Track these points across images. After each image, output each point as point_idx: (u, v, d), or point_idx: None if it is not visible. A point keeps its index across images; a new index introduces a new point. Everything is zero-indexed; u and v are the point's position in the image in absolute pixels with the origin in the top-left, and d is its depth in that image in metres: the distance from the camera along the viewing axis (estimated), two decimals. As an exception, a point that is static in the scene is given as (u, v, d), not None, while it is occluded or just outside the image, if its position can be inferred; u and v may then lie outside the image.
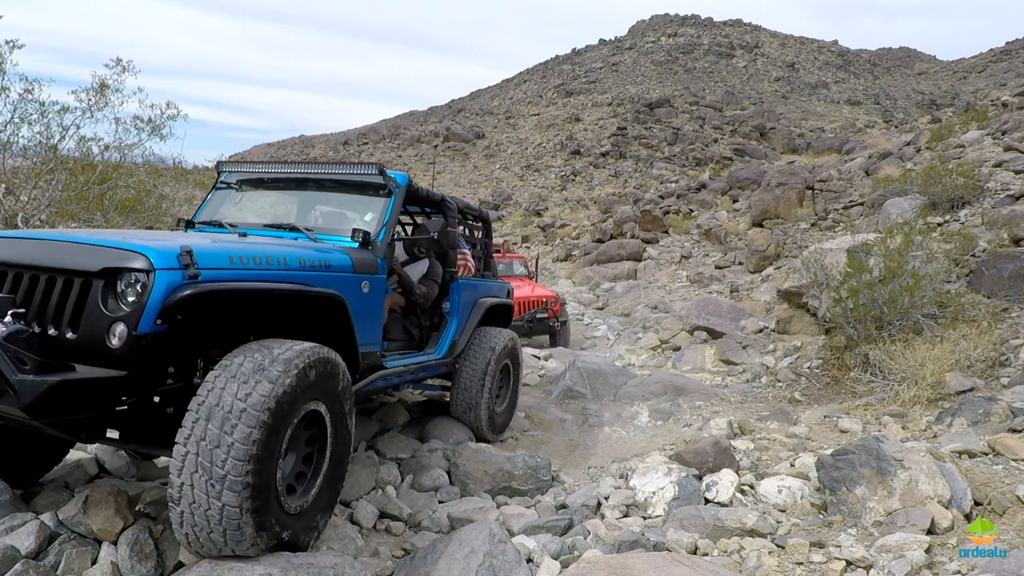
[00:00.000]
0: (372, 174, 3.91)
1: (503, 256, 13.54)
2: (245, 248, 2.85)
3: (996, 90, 28.01)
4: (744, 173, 21.93)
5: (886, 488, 3.24)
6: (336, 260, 3.28)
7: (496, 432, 5.02)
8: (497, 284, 5.57)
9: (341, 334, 3.18)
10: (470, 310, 4.86)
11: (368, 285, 3.47)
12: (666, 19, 77.72)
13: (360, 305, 3.38)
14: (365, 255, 3.52)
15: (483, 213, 5.50)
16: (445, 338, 4.55)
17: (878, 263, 6.67)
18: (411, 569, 2.84)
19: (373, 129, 58.85)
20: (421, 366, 4.27)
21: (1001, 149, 11.95)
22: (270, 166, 4.33)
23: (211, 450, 2.26)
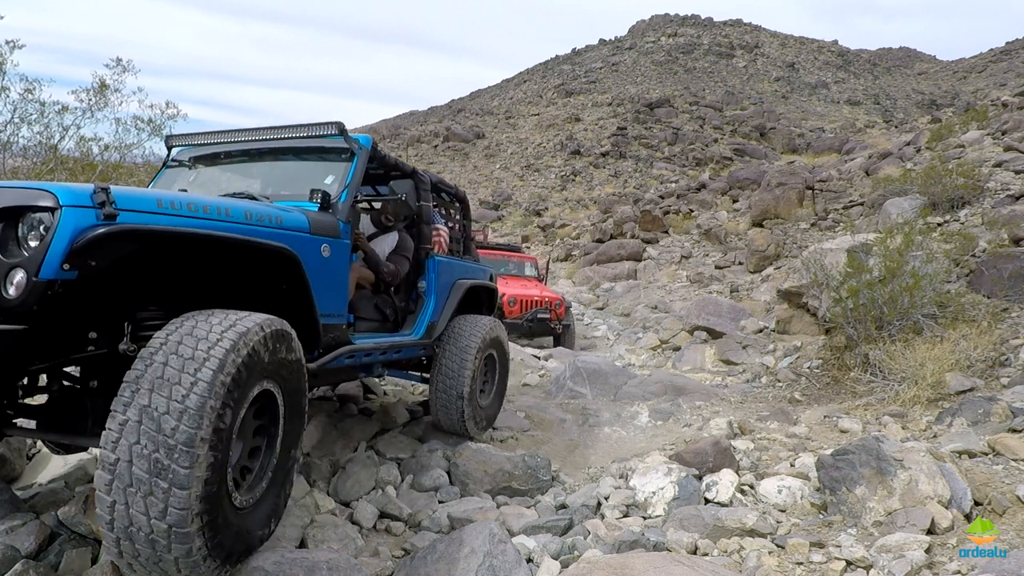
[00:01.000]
0: (332, 135, 3.65)
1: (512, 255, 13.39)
2: (179, 195, 2.52)
3: (996, 90, 28.02)
4: (744, 173, 21.93)
5: (886, 488, 3.24)
6: (290, 218, 3.01)
7: (482, 427, 4.73)
8: (477, 266, 5.26)
9: (297, 300, 2.88)
10: (448, 291, 4.58)
11: (328, 248, 3.19)
12: (666, 19, 77.71)
13: (319, 270, 3.10)
14: (324, 216, 3.26)
15: (460, 192, 5.19)
16: (422, 319, 4.25)
17: (878, 263, 6.67)
18: (411, 569, 2.84)
19: (373, 129, 58.85)
20: (395, 346, 3.95)
21: (1001, 149, 11.95)
22: (223, 135, 3.98)
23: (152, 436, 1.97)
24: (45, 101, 8.36)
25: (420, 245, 4.36)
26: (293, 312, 2.88)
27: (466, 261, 5.08)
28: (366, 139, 3.76)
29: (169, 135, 4.19)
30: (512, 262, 12.55)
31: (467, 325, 4.64)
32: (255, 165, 4.00)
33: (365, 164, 3.67)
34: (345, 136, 3.63)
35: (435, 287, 4.36)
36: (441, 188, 4.91)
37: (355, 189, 3.56)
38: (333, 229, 3.28)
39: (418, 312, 4.29)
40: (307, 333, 2.94)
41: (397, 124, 60.34)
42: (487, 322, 4.76)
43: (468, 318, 4.74)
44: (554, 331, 10.94)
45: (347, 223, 3.42)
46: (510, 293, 11.09)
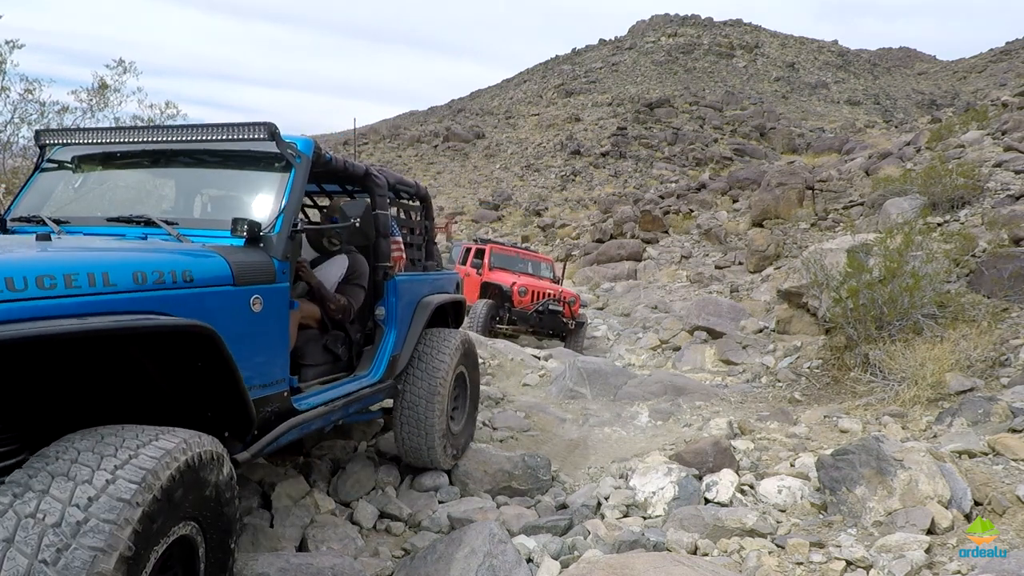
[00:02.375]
0: (260, 138, 2.81)
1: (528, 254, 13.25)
2: (22, 261, 1.76)
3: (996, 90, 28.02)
4: (744, 173, 21.94)
5: (886, 488, 3.24)
6: (204, 269, 2.26)
7: (456, 457, 4.09)
8: (444, 275, 4.57)
9: (217, 381, 2.19)
10: (412, 313, 3.88)
11: (260, 301, 2.48)
12: (666, 19, 77.72)
13: (249, 332, 2.43)
14: (254, 257, 2.52)
15: (421, 189, 4.44)
16: (382, 355, 3.56)
17: (878, 263, 6.67)
18: (411, 569, 2.84)
19: (373, 129, 58.85)
20: (352, 398, 3.21)
21: (1001, 149, 11.95)
22: (113, 133, 3.07)
23: None
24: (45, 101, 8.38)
25: (377, 264, 3.63)
26: (212, 392, 2.24)
27: (429, 272, 4.36)
28: (306, 144, 2.98)
29: (40, 130, 3.29)
30: (529, 262, 12.49)
31: (434, 345, 3.96)
32: (161, 174, 3.23)
33: (306, 177, 2.90)
34: (278, 141, 2.81)
35: (396, 314, 3.67)
36: (400, 189, 4.17)
37: (294, 212, 2.78)
38: (266, 272, 2.55)
39: (377, 346, 3.59)
40: (233, 417, 2.31)
41: (397, 124, 60.34)
42: (456, 338, 4.10)
43: (435, 335, 4.05)
44: (565, 327, 10.61)
45: (285, 260, 2.67)
46: (521, 282, 10.90)
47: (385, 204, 3.64)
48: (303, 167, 2.90)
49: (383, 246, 3.61)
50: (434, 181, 41.37)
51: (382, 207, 3.60)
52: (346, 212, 2.99)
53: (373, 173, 3.59)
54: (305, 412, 2.79)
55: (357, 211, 2.97)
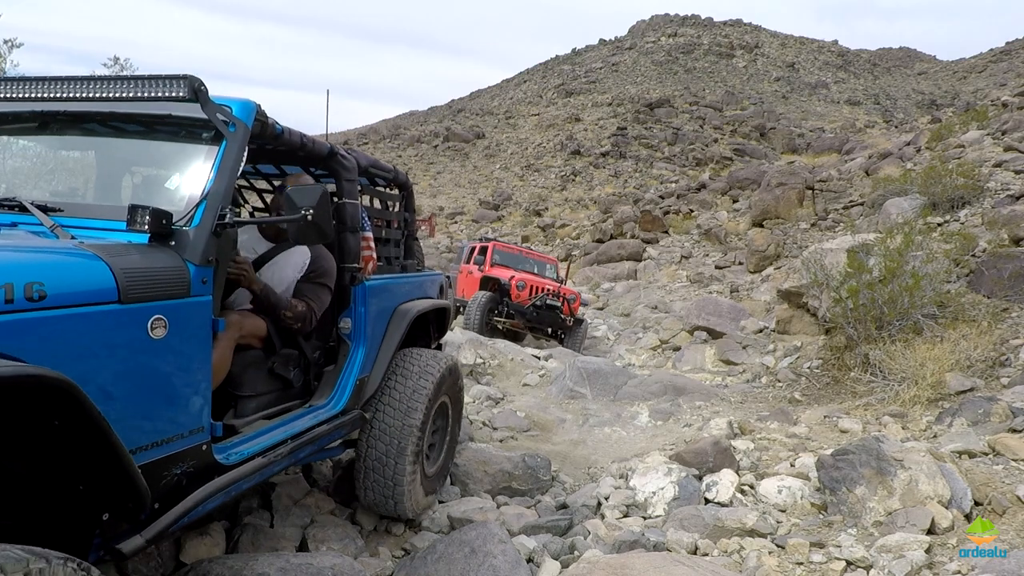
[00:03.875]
0: (179, 97, 2.06)
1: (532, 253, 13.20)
2: None
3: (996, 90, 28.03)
4: (744, 173, 21.95)
5: (886, 488, 3.24)
6: (66, 279, 1.62)
7: (425, 507, 3.41)
8: (426, 277, 3.89)
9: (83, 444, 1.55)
10: (386, 325, 3.23)
11: (164, 323, 1.84)
12: (666, 19, 77.71)
13: (144, 368, 1.80)
14: (156, 261, 1.89)
15: (400, 175, 3.80)
16: (346, 378, 2.90)
17: (878, 263, 6.67)
18: (411, 569, 2.84)
19: (373, 129, 58.86)
20: (304, 439, 2.55)
21: (1001, 149, 11.95)
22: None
23: None
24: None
25: (343, 266, 2.97)
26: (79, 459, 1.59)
27: (407, 274, 3.72)
28: (245, 108, 2.29)
29: None
30: (532, 261, 12.49)
31: (412, 369, 3.27)
32: (47, 142, 2.62)
33: (242, 152, 2.24)
34: (203, 103, 2.10)
35: (365, 327, 3.01)
36: (375, 173, 3.55)
37: (222, 198, 2.12)
38: (174, 283, 1.91)
39: (340, 367, 2.92)
40: (115, 491, 1.66)
41: (397, 124, 60.35)
42: (440, 360, 3.40)
43: (414, 358, 3.34)
44: (563, 324, 10.54)
45: (206, 264, 2.03)
46: (519, 276, 10.85)
47: (354, 191, 3.01)
48: (238, 138, 2.22)
49: (350, 243, 2.97)
50: (434, 181, 41.37)
51: (350, 195, 2.97)
52: (294, 200, 2.25)
53: (340, 153, 2.97)
54: (235, 467, 2.13)
55: (310, 199, 2.23)
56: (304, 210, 2.23)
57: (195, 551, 2.68)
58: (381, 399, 3.15)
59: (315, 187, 2.31)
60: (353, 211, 3.00)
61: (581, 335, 10.75)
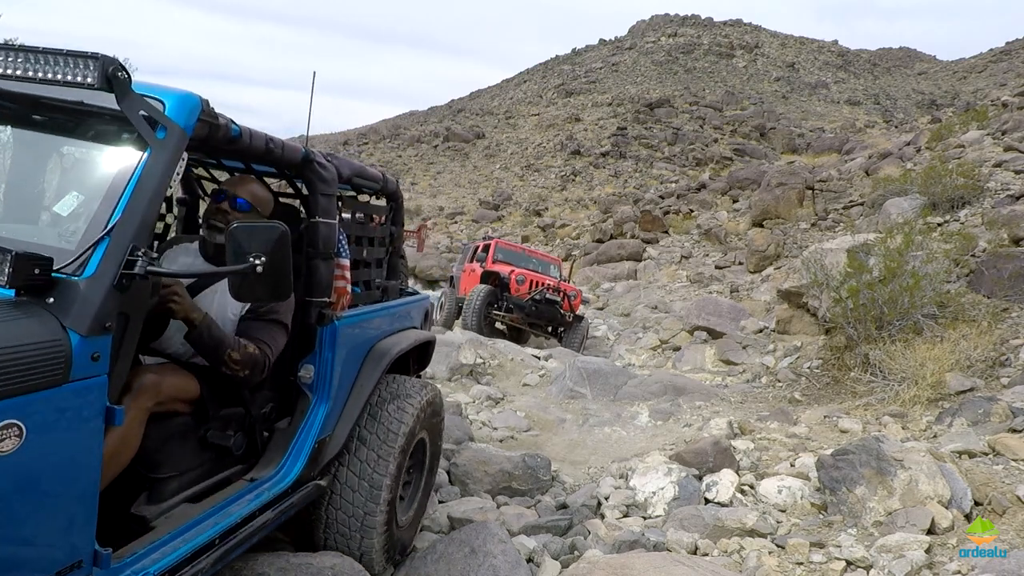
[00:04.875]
0: (87, 84, 1.52)
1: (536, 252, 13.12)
2: None
3: (996, 90, 28.04)
4: (744, 173, 21.95)
5: (886, 488, 3.24)
6: None
7: (402, 553, 2.94)
8: (410, 304, 3.35)
9: None
10: (358, 370, 2.66)
11: (19, 431, 1.29)
12: (666, 19, 77.73)
13: None
14: (13, 329, 1.34)
15: (391, 183, 3.22)
16: (302, 441, 2.32)
17: (878, 263, 6.67)
18: (411, 569, 2.83)
19: (373, 129, 58.88)
20: (241, 536, 1.99)
21: (1001, 149, 11.95)
22: None
23: None
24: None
25: (311, 299, 2.40)
26: None
27: (389, 304, 3.14)
28: (182, 104, 1.69)
29: None
30: (535, 259, 12.48)
31: (388, 408, 2.75)
32: None
33: (175, 164, 1.66)
34: (122, 95, 1.56)
35: (331, 377, 2.43)
36: (360, 184, 2.95)
37: (135, 235, 1.53)
38: (44, 365, 1.35)
39: (296, 428, 2.34)
40: None
41: (397, 124, 60.35)
42: (420, 393, 2.89)
43: (388, 393, 2.83)
44: (562, 319, 10.39)
45: (100, 334, 1.46)
46: (520, 271, 10.77)
47: (331, 209, 2.43)
48: (169, 147, 1.62)
49: (321, 272, 2.39)
50: (434, 181, 41.37)
51: (326, 213, 2.40)
52: (240, 243, 1.70)
53: (317, 161, 2.40)
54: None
55: (262, 243, 1.69)
56: (253, 257, 1.68)
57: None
58: (348, 454, 2.61)
59: (270, 228, 1.72)
60: (328, 233, 2.42)
61: (581, 334, 10.60)
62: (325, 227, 2.41)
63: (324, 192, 2.42)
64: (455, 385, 6.69)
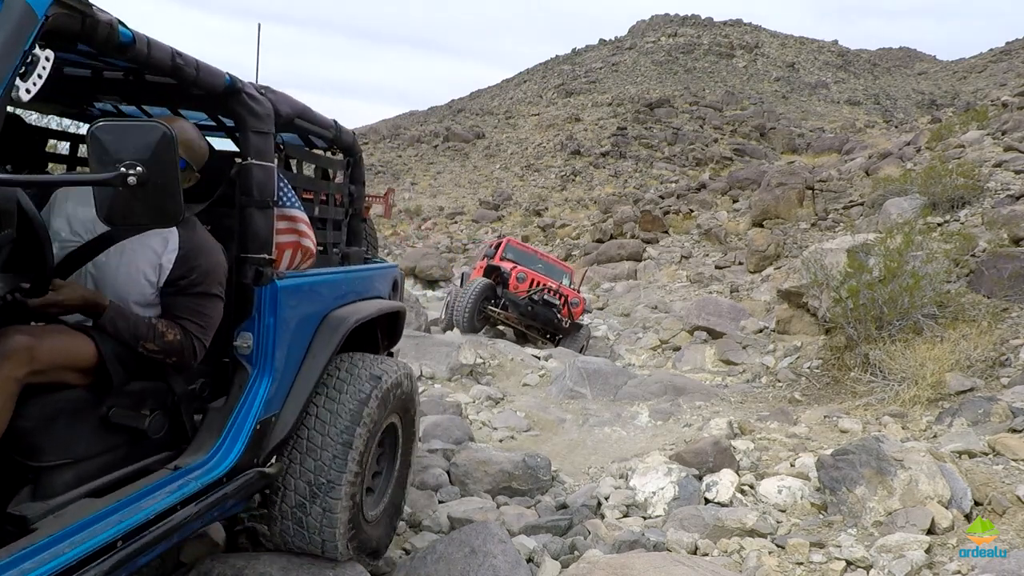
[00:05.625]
0: None
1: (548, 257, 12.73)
2: None
3: (996, 90, 28.04)
4: (744, 173, 21.95)
5: (886, 488, 3.24)
6: None
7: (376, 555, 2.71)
8: (374, 271, 3.04)
9: None
10: (309, 340, 2.34)
11: None
12: (666, 19, 77.73)
13: None
14: None
15: (346, 135, 2.86)
16: (240, 421, 2.03)
17: (878, 263, 6.67)
18: (411, 569, 2.83)
19: (373, 129, 58.88)
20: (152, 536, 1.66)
21: (1001, 149, 11.95)
22: None
23: None
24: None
25: (246, 256, 2.08)
26: None
27: (348, 268, 2.85)
28: None
29: None
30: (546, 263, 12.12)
31: (351, 385, 2.43)
32: None
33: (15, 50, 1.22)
34: None
35: (275, 345, 2.11)
36: (307, 129, 2.60)
37: None
38: None
39: (232, 408, 2.03)
40: None
41: (397, 124, 60.36)
42: (390, 370, 2.59)
43: (347, 371, 2.49)
44: (559, 325, 10.05)
45: None
46: (522, 269, 10.44)
47: (266, 149, 2.11)
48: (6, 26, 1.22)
49: (257, 223, 2.08)
50: (434, 181, 41.38)
51: (260, 153, 2.08)
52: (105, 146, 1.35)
53: (246, 92, 2.05)
54: None
55: (136, 146, 1.35)
56: (124, 166, 1.30)
57: (195, 551, 2.68)
58: (300, 438, 2.32)
59: (147, 128, 1.36)
60: (263, 178, 2.10)
61: (581, 343, 10.19)
62: (260, 171, 2.09)
63: (257, 129, 2.09)
64: (455, 385, 6.69)
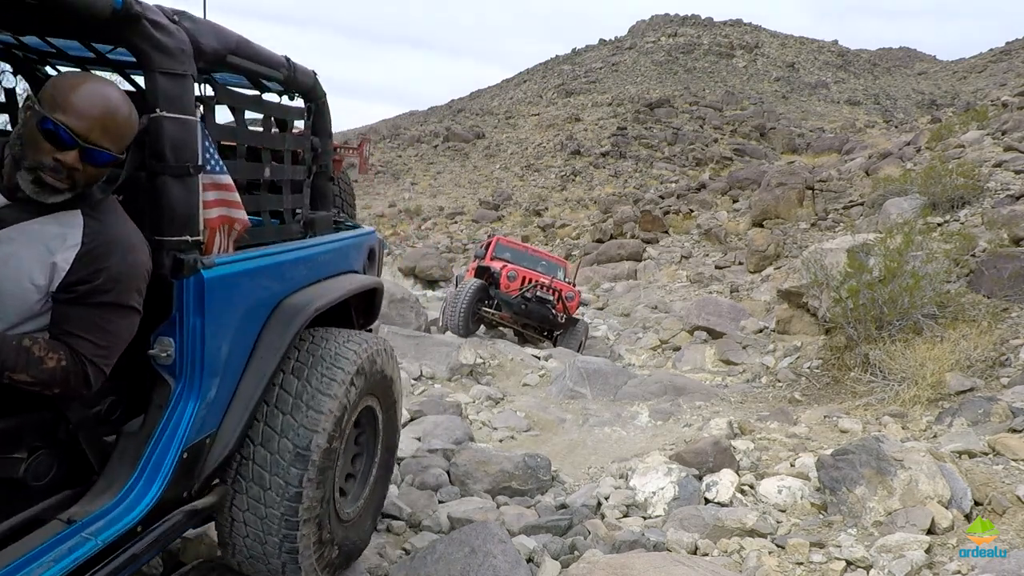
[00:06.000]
0: None
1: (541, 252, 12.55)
2: None
3: (996, 90, 28.04)
4: (744, 173, 21.96)
5: (886, 488, 3.24)
6: None
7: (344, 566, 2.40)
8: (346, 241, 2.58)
9: None
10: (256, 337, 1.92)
11: None
12: (666, 19, 77.73)
13: None
14: None
15: (303, 75, 2.34)
16: (162, 448, 1.62)
17: (878, 263, 6.67)
18: (411, 569, 2.83)
19: (373, 129, 58.88)
20: None
21: (1001, 149, 11.95)
22: None
23: None
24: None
25: (162, 238, 1.62)
26: None
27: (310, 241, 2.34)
28: None
29: None
30: (538, 259, 11.99)
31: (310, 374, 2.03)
32: None
33: None
34: None
35: (203, 351, 1.69)
36: (249, 70, 2.02)
37: None
38: None
39: (151, 431, 1.63)
40: None
41: (397, 124, 60.36)
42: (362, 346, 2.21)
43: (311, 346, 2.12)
44: (554, 321, 9.78)
45: None
46: (513, 267, 10.27)
47: (182, 97, 1.60)
48: None
49: (175, 195, 1.60)
50: (434, 181, 41.38)
51: (174, 102, 1.58)
52: None
53: (151, 18, 1.53)
54: None
55: None
56: None
57: (195, 551, 2.68)
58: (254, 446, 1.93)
59: None
60: (180, 135, 1.59)
61: (579, 339, 10.02)
62: (175, 126, 1.57)
63: (167, 70, 1.55)
64: (455, 385, 6.69)
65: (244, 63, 1.97)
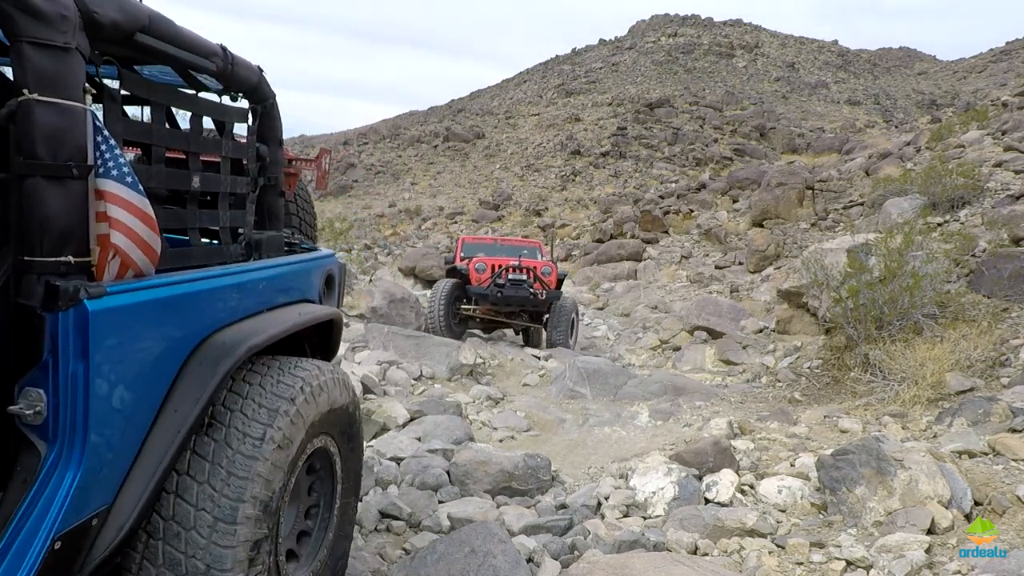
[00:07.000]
0: None
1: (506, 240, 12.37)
2: None
3: (996, 90, 28.04)
4: (744, 173, 21.96)
5: (886, 488, 3.24)
6: None
7: None
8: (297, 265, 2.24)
9: None
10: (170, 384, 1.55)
11: None
12: (666, 19, 77.69)
13: None
14: None
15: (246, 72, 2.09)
16: (20, 543, 1.23)
17: (878, 263, 6.67)
18: (411, 569, 2.83)
19: (373, 129, 58.87)
20: None
21: (1001, 149, 11.95)
22: None
23: None
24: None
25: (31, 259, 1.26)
26: None
27: (252, 265, 2.04)
28: None
29: None
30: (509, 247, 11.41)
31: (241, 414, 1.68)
32: None
33: None
34: None
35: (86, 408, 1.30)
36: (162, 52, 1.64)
37: None
38: None
39: (7, 520, 1.25)
40: None
41: (397, 124, 60.35)
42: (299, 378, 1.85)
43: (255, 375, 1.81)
44: (535, 299, 9.11)
45: None
46: (480, 259, 9.79)
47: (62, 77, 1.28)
48: None
49: (48, 205, 1.28)
50: (434, 181, 41.39)
51: (45, 83, 1.26)
52: None
53: None
54: None
55: None
56: None
57: None
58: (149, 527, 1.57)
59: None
60: (60, 125, 1.28)
61: (567, 318, 9.36)
62: (49, 114, 1.26)
63: (39, 39, 1.24)
64: (455, 385, 6.69)
65: (159, 45, 1.60)
